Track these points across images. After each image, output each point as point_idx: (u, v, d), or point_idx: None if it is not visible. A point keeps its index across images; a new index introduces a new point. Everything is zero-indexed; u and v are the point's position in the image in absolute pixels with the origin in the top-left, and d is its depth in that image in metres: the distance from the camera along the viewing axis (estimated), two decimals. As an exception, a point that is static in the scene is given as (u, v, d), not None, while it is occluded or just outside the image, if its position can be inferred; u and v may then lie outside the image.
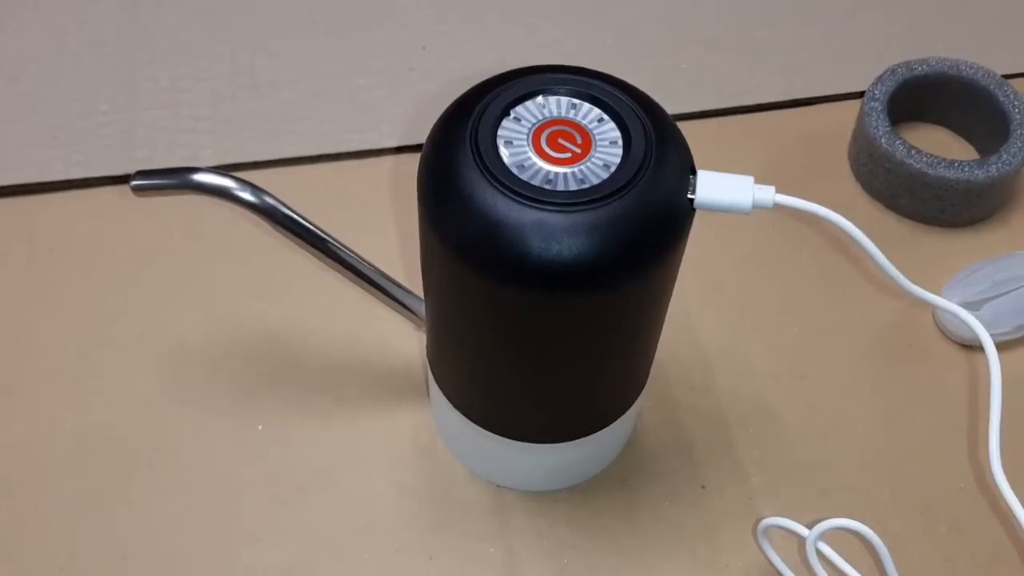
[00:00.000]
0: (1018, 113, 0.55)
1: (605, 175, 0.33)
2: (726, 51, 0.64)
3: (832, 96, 0.62)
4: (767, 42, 0.64)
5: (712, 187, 0.34)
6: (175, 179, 0.40)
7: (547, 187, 0.33)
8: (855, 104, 0.61)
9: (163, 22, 0.63)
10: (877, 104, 0.56)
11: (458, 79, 0.61)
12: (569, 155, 0.34)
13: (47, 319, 0.50)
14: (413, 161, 0.58)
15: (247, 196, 0.40)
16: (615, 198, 0.33)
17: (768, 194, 0.35)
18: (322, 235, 0.42)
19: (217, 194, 0.40)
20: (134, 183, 0.39)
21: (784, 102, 0.62)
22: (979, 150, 0.59)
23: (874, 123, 0.55)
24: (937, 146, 0.59)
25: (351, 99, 0.60)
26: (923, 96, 0.58)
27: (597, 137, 0.34)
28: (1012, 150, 0.54)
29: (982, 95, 0.57)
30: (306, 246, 0.42)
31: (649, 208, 0.33)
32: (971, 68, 0.57)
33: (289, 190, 0.55)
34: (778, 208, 0.35)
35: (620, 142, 0.34)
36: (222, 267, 0.53)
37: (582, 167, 0.34)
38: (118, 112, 0.59)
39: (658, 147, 0.34)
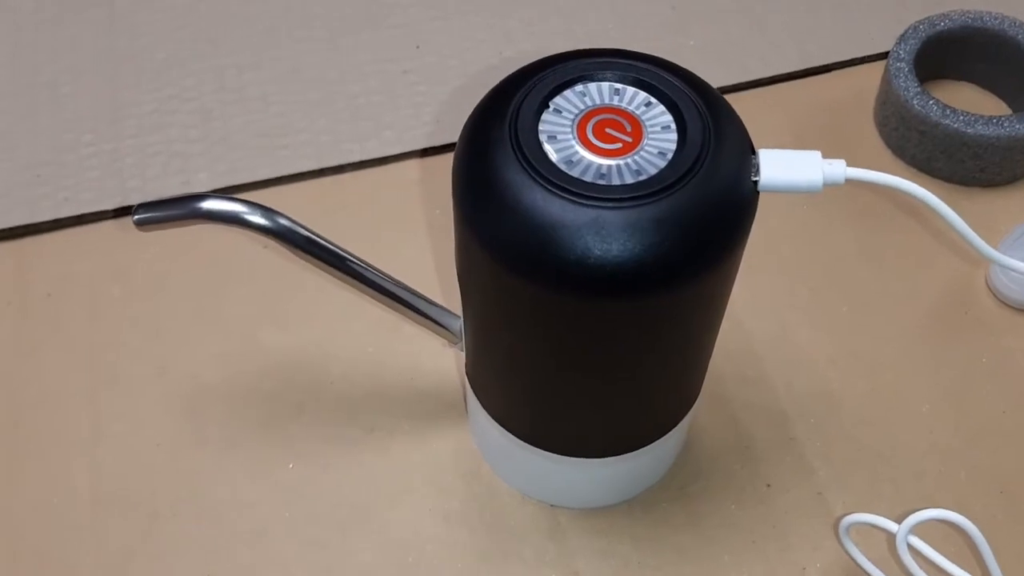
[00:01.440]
0: (1052, 62, 0.53)
1: (662, 163, 0.30)
2: (733, 24, 0.61)
3: (849, 61, 0.59)
4: (775, 10, 0.62)
5: (777, 167, 0.31)
6: (182, 209, 0.37)
7: (601, 182, 0.30)
8: (875, 67, 0.59)
9: (142, 43, 0.60)
10: (903, 64, 0.53)
11: (457, 77, 0.58)
12: (620, 145, 0.31)
13: (51, 368, 0.47)
14: (420, 166, 0.56)
15: (260, 220, 0.37)
16: (677, 188, 0.30)
17: (839, 169, 0.32)
18: (341, 253, 0.38)
19: (228, 221, 0.37)
20: (137, 217, 0.36)
21: (800, 71, 0.59)
22: (1011, 104, 0.56)
23: (903, 84, 0.53)
24: (966, 103, 0.56)
25: (347, 107, 0.57)
26: (948, 53, 0.56)
27: (647, 123, 0.31)
28: (1051, 101, 0.51)
29: (1009, 46, 0.54)
30: (324, 266, 0.38)
31: (714, 195, 0.30)
32: (995, 19, 0.55)
33: (292, 208, 0.52)
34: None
35: (673, 126, 0.31)
36: (234, 296, 0.49)
37: (636, 157, 0.30)
38: (103, 142, 0.55)
39: (715, 128, 0.31)
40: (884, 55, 0.57)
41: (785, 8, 0.62)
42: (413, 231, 0.52)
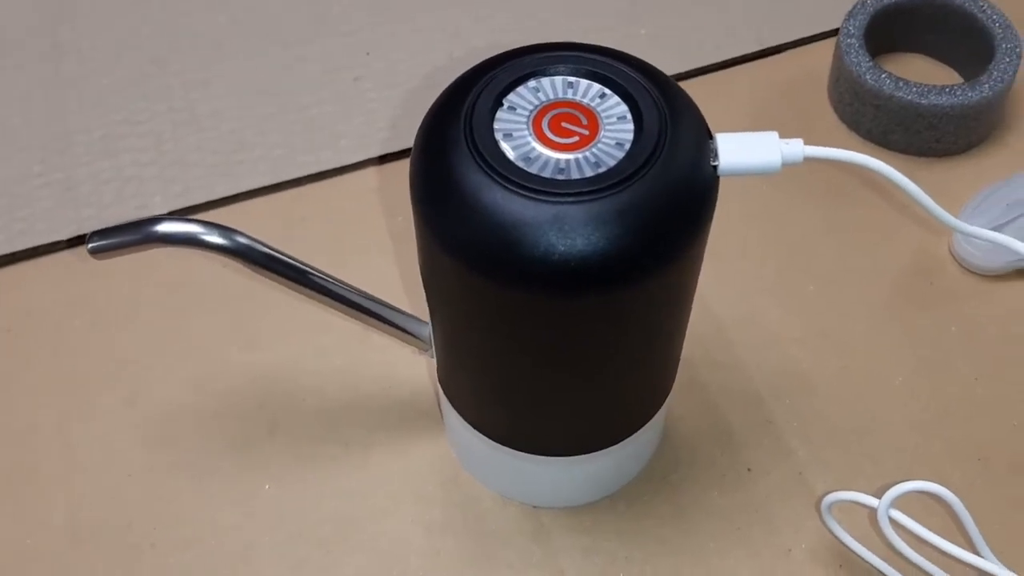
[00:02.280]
0: (999, 28, 0.53)
1: (621, 154, 0.30)
2: (685, 10, 0.61)
3: (802, 40, 0.59)
4: (724, -5, 0.62)
5: (735, 150, 0.31)
6: (136, 234, 0.36)
7: (560, 177, 0.30)
8: (827, 45, 0.59)
9: (89, 67, 0.58)
10: (854, 40, 0.53)
11: (409, 80, 0.57)
12: (577, 139, 0.30)
13: (18, 405, 0.46)
14: (378, 174, 0.55)
15: (217, 240, 0.36)
16: (637, 178, 0.29)
17: (797, 148, 0.32)
18: (303, 268, 0.38)
19: (184, 243, 0.36)
20: (91, 245, 0.35)
21: (754, 54, 0.59)
22: (962, 73, 0.57)
23: (854, 60, 0.53)
24: (919, 75, 0.56)
25: (299, 119, 0.56)
26: (897, 25, 0.56)
27: (603, 115, 0.31)
28: (1001, 67, 0.52)
29: (958, 15, 0.55)
30: (287, 282, 0.38)
31: (674, 182, 0.30)
32: (941, -11, 0.55)
33: (252, 225, 0.51)
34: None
35: (629, 116, 0.31)
36: (200, 318, 0.49)
37: (594, 150, 0.30)
38: (54, 171, 0.54)
39: (671, 115, 0.31)
40: (835, 32, 0.57)
41: (733, -8, 0.62)
42: (376, 240, 0.51)
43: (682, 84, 0.60)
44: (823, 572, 0.41)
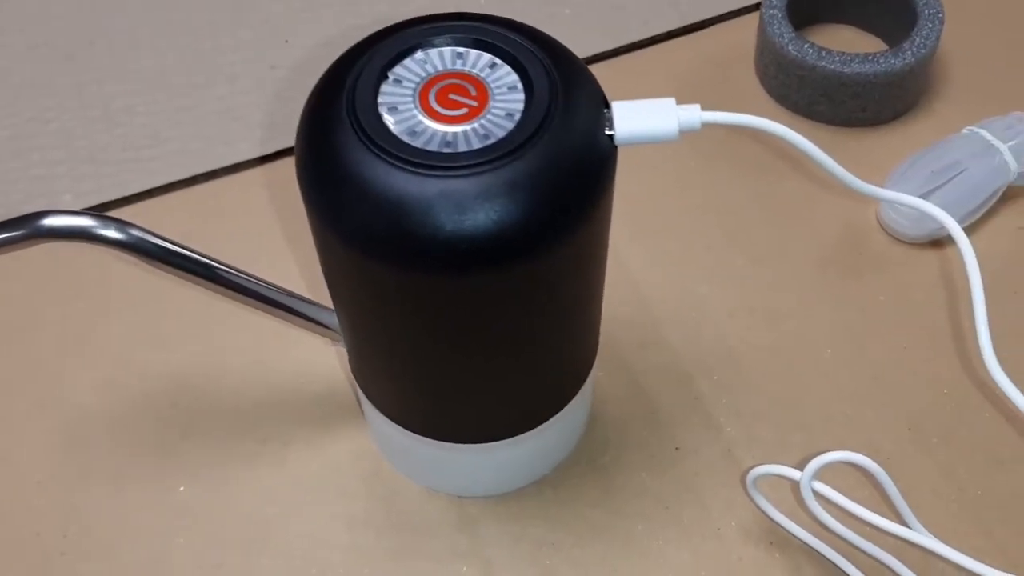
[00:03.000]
0: (921, -7, 0.52)
1: (511, 125, 0.29)
2: (607, -13, 0.60)
3: (727, 14, 0.59)
4: (647, -30, 0.61)
5: (631, 118, 0.30)
6: (22, 229, 0.34)
7: (447, 150, 0.28)
8: (751, 18, 0.58)
9: (-9, 65, 0.57)
10: (776, 11, 0.53)
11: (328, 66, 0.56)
12: (465, 110, 0.29)
13: (-83, 416, 0.44)
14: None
15: (111, 233, 0.35)
16: (527, 148, 0.28)
17: (694, 114, 0.31)
18: (207, 262, 0.36)
19: (76, 237, 0.35)
20: (-29, 243, 0.34)
21: (678, 30, 0.58)
22: (888, 42, 0.56)
23: (777, 31, 0.52)
24: (844, 45, 0.55)
25: (215, 110, 0.55)
26: (820, -5, 0.55)
27: (493, 85, 0.30)
28: (924, 32, 0.51)
29: (879, -17, 0.54)
30: (192, 277, 0.36)
31: (567, 153, 0.29)
32: (863, -43, 0.55)
33: (167, 221, 0.50)
34: (699, 134, 0.31)
35: (520, 86, 0.30)
36: (109, 320, 0.47)
37: (482, 121, 0.29)
38: (-43, 172, 0.52)
39: (563, 84, 0.30)
40: (759, 5, 0.56)
41: (657, -32, 0.61)
42: (298, 231, 0.50)
43: (610, 62, 0.60)
44: (753, 549, 0.40)
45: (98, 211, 0.51)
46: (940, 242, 0.49)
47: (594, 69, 0.57)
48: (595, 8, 0.59)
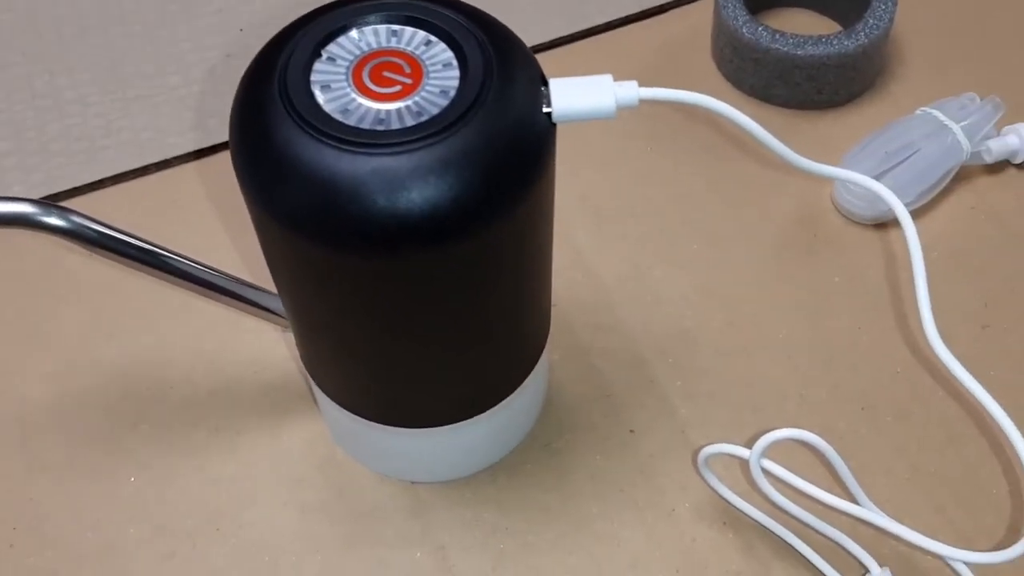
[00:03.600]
0: (874, -25, 0.52)
1: (445, 102, 0.29)
2: (564, -27, 0.60)
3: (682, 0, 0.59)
4: (604, -45, 0.60)
5: (568, 95, 0.30)
6: (-44, 216, 0.34)
7: (380, 128, 0.28)
8: (708, 3, 0.58)
9: (-61, 56, 0.56)
10: (730, -6, 0.53)
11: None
12: (399, 87, 0.29)
13: None
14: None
15: (52, 220, 0.35)
16: (460, 125, 0.28)
17: (631, 91, 0.30)
18: (151, 248, 0.36)
19: (17, 224, 0.34)
20: (-94, 230, 0.33)
21: (636, 14, 0.58)
22: (843, 24, 0.56)
23: (732, 15, 0.52)
24: (801, 28, 0.55)
25: (168, 100, 0.54)
26: (775, -22, 0.55)
27: (427, 63, 0.30)
28: (877, 14, 0.51)
29: (834, -35, 0.54)
30: (136, 264, 0.36)
31: (503, 130, 0.29)
32: (817, -60, 0.54)
33: (119, 211, 0.49)
34: (654, 118, 0.31)
35: (455, 63, 0.30)
36: (58, 310, 0.46)
37: (416, 99, 0.29)
38: (-96, 164, 0.51)
39: (499, 61, 0.29)
40: (714, -11, 0.56)
41: (615, -47, 0.61)
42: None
43: (566, 48, 0.60)
44: (707, 530, 0.40)
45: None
46: (892, 223, 0.49)
47: (552, 54, 0.57)
48: (552, -6, 0.59)
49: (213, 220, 0.49)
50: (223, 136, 0.53)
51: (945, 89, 0.51)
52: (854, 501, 0.38)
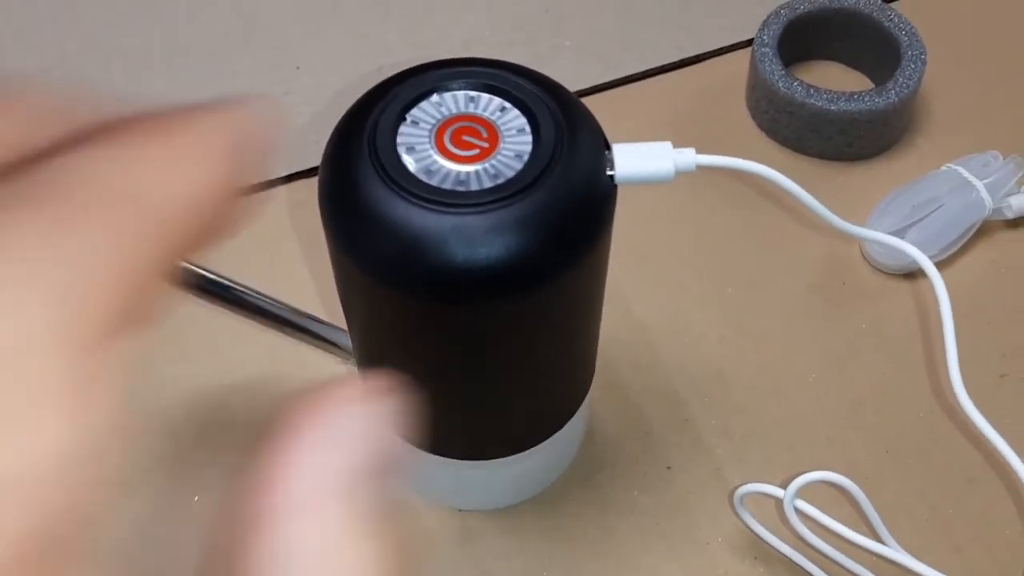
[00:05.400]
0: (905, 36, 0.55)
1: (519, 165, 0.31)
2: (607, 21, 0.62)
3: (721, 49, 0.61)
4: (646, 5, 0.63)
5: (630, 159, 0.33)
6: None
7: (460, 189, 0.31)
8: (743, 54, 0.60)
9: None
10: (768, 49, 0.55)
11: (338, 94, 0.58)
12: (477, 151, 0.31)
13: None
14: (308, 187, 0.56)
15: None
16: (534, 188, 0.31)
17: (689, 157, 0.33)
18: (225, 283, 0.39)
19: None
20: None
21: (674, 63, 0.61)
22: (873, 79, 0.59)
23: (768, 68, 0.55)
24: (832, 81, 0.58)
25: (230, 134, 0.57)
26: (810, 34, 0.58)
27: (503, 128, 0.32)
28: (907, 73, 0.54)
29: (866, 24, 0.57)
30: (210, 298, 0.39)
31: (571, 192, 0.31)
32: (850, -1, 0.57)
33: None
34: (694, 172, 0.33)
35: (528, 129, 0.32)
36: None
37: (493, 162, 0.31)
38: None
39: (568, 127, 0.32)
40: (752, 41, 0.59)
41: (656, 2, 0.63)
42: (306, 253, 0.52)
43: (607, 94, 0.62)
44: (739, 563, 0.43)
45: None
46: (918, 273, 0.51)
47: (593, 100, 0.59)
48: (594, 41, 0.61)
49: (271, 254, 0.52)
50: (282, 171, 0.55)
51: (970, 146, 0.53)
52: (879, 540, 0.40)
